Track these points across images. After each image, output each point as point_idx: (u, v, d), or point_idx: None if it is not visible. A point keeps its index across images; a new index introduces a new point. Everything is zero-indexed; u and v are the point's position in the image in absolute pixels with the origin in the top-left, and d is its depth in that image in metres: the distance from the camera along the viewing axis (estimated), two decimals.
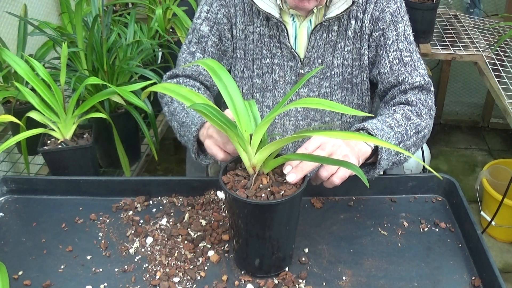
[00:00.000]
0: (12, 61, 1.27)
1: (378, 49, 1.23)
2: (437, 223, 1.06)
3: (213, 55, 1.29)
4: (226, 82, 0.90)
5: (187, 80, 1.30)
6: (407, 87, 1.19)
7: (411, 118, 1.14)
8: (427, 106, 1.18)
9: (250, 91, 1.30)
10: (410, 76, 1.19)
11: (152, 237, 1.03)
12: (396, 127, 1.10)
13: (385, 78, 1.22)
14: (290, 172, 0.89)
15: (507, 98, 1.93)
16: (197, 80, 1.30)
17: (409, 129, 1.12)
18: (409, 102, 1.18)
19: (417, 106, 1.17)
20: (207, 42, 1.28)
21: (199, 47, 1.29)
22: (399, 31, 1.22)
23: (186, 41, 1.32)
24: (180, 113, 1.20)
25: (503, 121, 3.04)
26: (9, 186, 1.15)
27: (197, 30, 1.28)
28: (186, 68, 1.29)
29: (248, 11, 1.25)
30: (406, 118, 1.13)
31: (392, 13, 1.21)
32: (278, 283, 0.93)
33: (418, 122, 1.14)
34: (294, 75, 1.26)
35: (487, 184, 2.30)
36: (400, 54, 1.21)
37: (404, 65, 1.21)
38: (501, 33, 2.38)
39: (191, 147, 1.12)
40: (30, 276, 0.95)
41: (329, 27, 1.21)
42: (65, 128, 1.29)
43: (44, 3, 2.10)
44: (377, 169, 1.06)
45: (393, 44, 1.21)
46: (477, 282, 0.93)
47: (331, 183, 0.99)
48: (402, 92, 1.20)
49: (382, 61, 1.22)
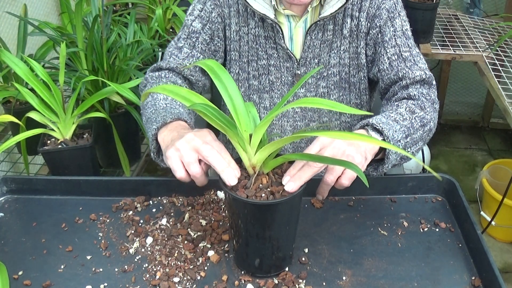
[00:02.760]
0: (11, 62, 1.27)
1: (376, 46, 1.22)
2: (437, 223, 1.06)
3: (202, 52, 1.25)
4: (226, 82, 0.90)
5: (169, 75, 1.24)
6: (408, 82, 1.17)
7: (415, 111, 1.11)
8: (430, 100, 1.16)
9: (246, 93, 1.30)
10: (410, 71, 1.18)
11: (152, 237, 1.03)
12: (401, 120, 1.08)
13: (385, 75, 1.21)
14: (288, 181, 0.87)
15: (507, 98, 1.93)
16: (180, 74, 1.26)
17: (415, 122, 1.09)
18: (412, 96, 1.16)
19: (420, 99, 1.15)
20: (198, 38, 1.25)
21: (187, 42, 1.25)
22: (396, 26, 1.20)
23: (175, 37, 1.29)
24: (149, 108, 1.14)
25: (503, 121, 3.04)
26: (9, 186, 1.15)
27: (188, 26, 1.25)
28: (170, 61, 1.25)
29: (242, 12, 1.23)
30: (410, 112, 1.11)
31: (388, 9, 1.20)
32: (278, 283, 0.93)
33: (423, 115, 1.11)
34: (290, 76, 1.26)
35: (487, 184, 2.30)
36: (398, 49, 1.19)
37: (404, 60, 1.19)
38: (501, 33, 2.38)
39: (151, 146, 1.07)
40: (30, 276, 0.95)
41: (324, 26, 1.21)
42: (65, 128, 1.29)
43: (44, 3, 2.10)
44: (385, 164, 1.03)
45: (391, 40, 1.20)
46: (477, 282, 0.92)
47: (341, 186, 0.97)
48: (404, 88, 1.18)
49: (381, 58, 1.21)
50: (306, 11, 1.20)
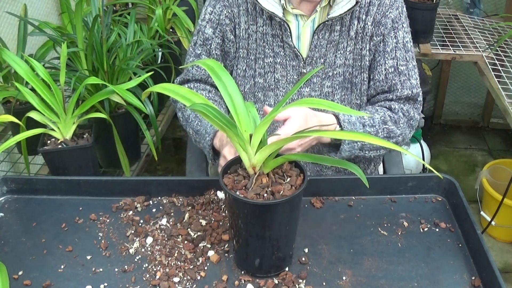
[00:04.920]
0: (12, 61, 1.27)
1: (376, 54, 1.26)
2: (437, 223, 1.06)
3: (217, 57, 1.31)
4: (226, 82, 0.90)
5: (197, 84, 1.33)
6: (394, 97, 1.26)
7: (388, 123, 1.22)
8: (408, 116, 1.26)
9: (252, 90, 1.31)
10: (401, 87, 1.25)
11: (152, 237, 1.03)
12: (368, 126, 1.19)
13: (378, 86, 1.27)
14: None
15: (507, 98, 1.93)
16: (207, 83, 1.33)
17: (381, 132, 1.21)
18: (392, 109, 1.25)
19: (398, 114, 1.25)
20: (211, 44, 1.30)
21: (204, 49, 1.31)
22: (399, 38, 1.25)
23: (192, 42, 1.34)
24: (194, 121, 1.28)
25: (503, 121, 3.04)
26: (9, 186, 1.15)
27: (202, 32, 1.31)
28: (195, 74, 1.33)
29: (251, 11, 1.25)
30: (382, 122, 1.22)
31: (393, 19, 1.24)
32: (278, 283, 0.93)
33: (392, 129, 1.23)
34: (296, 75, 1.27)
35: (487, 184, 2.30)
36: (396, 62, 1.25)
37: (399, 74, 1.25)
38: (501, 33, 2.37)
39: (208, 154, 1.25)
40: (30, 276, 0.95)
41: (331, 27, 1.23)
42: (65, 128, 1.29)
43: (44, 3, 2.10)
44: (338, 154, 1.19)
45: (392, 52, 1.25)
46: (477, 282, 0.93)
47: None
48: (388, 100, 1.27)
49: (379, 68, 1.26)
50: (314, 10, 1.23)
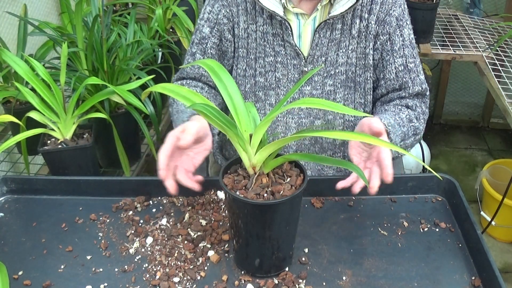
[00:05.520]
0: (12, 61, 1.27)
1: (383, 53, 1.26)
2: (437, 223, 1.06)
3: (212, 57, 1.30)
4: (226, 82, 0.90)
5: (189, 81, 1.33)
6: (406, 95, 1.28)
7: (413, 120, 1.24)
8: (422, 112, 1.28)
9: (252, 90, 1.30)
10: (412, 84, 1.27)
11: (152, 237, 1.03)
12: (402, 126, 1.19)
13: (390, 85, 1.28)
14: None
15: (507, 98, 1.93)
16: (200, 81, 1.33)
17: (410, 130, 1.22)
18: (409, 106, 1.27)
19: (416, 111, 1.27)
20: (207, 43, 1.29)
21: (199, 48, 1.31)
22: (405, 36, 1.26)
23: (191, 41, 1.35)
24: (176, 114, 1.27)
25: (503, 121, 3.04)
26: (9, 186, 1.16)
27: (200, 30, 1.31)
28: (189, 72, 1.33)
29: (250, 10, 1.25)
30: (408, 120, 1.22)
31: (397, 17, 1.24)
32: (278, 283, 0.93)
33: (417, 126, 1.25)
34: (297, 73, 1.27)
35: (487, 184, 2.30)
36: (405, 60, 1.26)
37: (409, 72, 1.27)
38: (501, 33, 2.38)
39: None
40: (30, 276, 0.95)
41: (333, 25, 1.23)
42: (65, 128, 1.29)
43: (44, 3, 2.10)
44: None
45: (400, 50, 1.26)
46: (477, 282, 0.93)
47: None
48: (401, 98, 1.28)
49: (389, 67, 1.26)
50: (315, 9, 1.23)
